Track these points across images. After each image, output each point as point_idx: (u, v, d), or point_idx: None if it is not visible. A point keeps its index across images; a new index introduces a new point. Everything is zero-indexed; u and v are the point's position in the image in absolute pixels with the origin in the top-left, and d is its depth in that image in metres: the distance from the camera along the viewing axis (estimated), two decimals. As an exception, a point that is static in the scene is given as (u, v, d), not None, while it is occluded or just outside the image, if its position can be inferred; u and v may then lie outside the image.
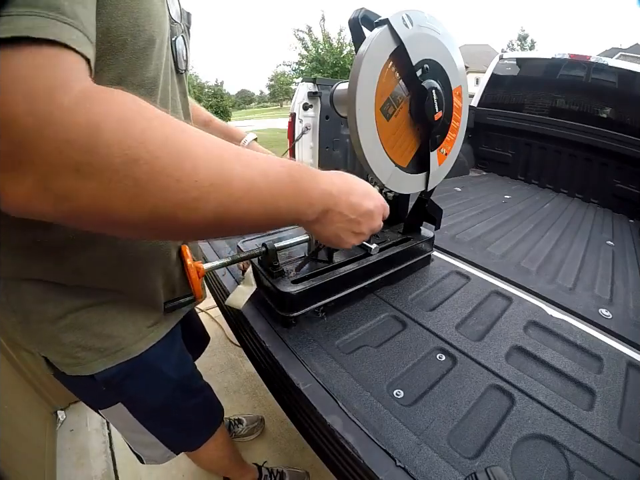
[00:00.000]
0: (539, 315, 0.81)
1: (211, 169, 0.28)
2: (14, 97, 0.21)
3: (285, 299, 0.66)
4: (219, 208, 0.29)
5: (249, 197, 0.31)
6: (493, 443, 0.50)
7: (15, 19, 0.22)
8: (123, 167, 0.24)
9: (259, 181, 0.32)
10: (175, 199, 0.27)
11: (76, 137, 0.23)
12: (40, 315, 0.43)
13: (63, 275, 0.43)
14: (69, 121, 0.23)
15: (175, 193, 0.27)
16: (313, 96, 1.58)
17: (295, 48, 14.03)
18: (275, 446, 1.24)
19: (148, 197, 0.26)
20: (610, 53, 18.61)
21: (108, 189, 0.25)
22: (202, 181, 0.28)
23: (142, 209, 0.26)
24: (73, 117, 0.23)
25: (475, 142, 2.59)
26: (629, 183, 1.93)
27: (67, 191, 0.24)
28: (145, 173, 0.25)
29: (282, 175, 0.34)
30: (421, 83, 0.64)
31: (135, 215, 0.27)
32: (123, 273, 0.48)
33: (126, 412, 0.58)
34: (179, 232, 0.31)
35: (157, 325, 0.55)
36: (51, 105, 0.22)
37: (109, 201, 0.25)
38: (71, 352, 0.47)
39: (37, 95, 0.22)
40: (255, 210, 0.32)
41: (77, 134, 0.23)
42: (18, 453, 0.95)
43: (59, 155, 0.23)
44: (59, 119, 0.23)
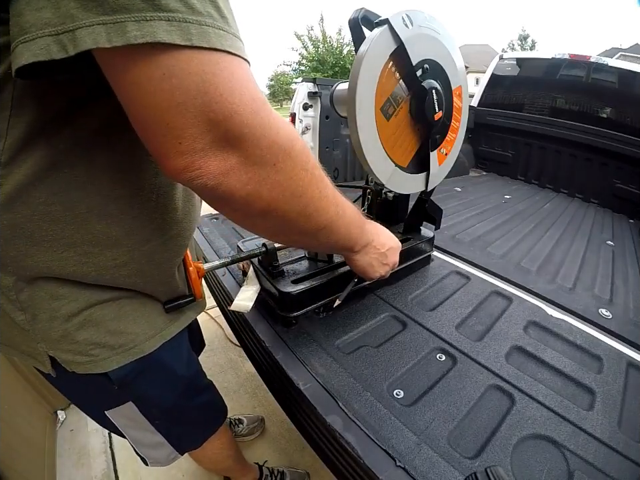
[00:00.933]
0: (539, 314, 0.81)
1: (332, 192, 0.42)
2: (242, 98, 0.29)
3: (285, 299, 0.66)
4: (329, 219, 0.42)
5: (343, 218, 0.45)
6: (492, 443, 0.50)
7: (225, 36, 0.28)
8: (300, 171, 0.35)
9: (348, 210, 0.46)
10: (315, 206, 0.39)
11: (282, 141, 0.33)
12: (52, 313, 0.43)
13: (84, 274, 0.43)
14: (280, 130, 0.32)
15: (317, 200, 0.39)
16: (313, 96, 1.57)
17: (296, 50, 14.04)
18: (275, 446, 1.24)
19: (304, 197, 0.37)
20: (610, 52, 18.61)
21: (287, 184, 0.35)
22: (328, 198, 0.41)
23: (297, 205, 0.37)
24: (282, 127, 0.32)
25: (475, 142, 2.59)
26: (629, 183, 1.93)
27: (260, 176, 0.32)
28: (307, 180, 0.36)
29: (355, 212, 0.49)
30: (421, 83, 0.64)
31: (289, 210, 0.37)
32: (143, 273, 0.48)
33: (135, 411, 0.58)
34: (299, 231, 0.41)
35: (169, 323, 0.56)
36: (268, 111, 0.31)
37: (282, 193, 0.35)
38: (85, 349, 0.46)
39: (259, 101, 0.30)
40: (341, 228, 0.46)
41: (283, 139, 0.33)
42: (18, 453, 0.95)
43: (268, 149, 0.32)
44: (274, 124, 0.31)
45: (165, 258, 0.51)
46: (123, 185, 0.42)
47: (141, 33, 0.25)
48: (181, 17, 0.26)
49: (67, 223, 0.39)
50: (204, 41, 0.26)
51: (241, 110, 0.29)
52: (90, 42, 0.24)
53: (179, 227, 0.51)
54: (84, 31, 0.24)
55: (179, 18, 0.26)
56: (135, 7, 0.24)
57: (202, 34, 0.26)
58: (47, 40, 0.25)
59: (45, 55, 0.25)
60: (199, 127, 0.28)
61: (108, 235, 0.42)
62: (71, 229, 0.40)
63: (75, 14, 0.24)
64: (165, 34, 0.25)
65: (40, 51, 0.25)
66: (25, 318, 0.42)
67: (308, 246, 0.70)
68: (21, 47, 0.25)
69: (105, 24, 0.24)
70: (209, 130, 0.28)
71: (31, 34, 0.25)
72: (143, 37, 0.25)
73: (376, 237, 0.57)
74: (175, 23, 0.25)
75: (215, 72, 0.27)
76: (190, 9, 0.26)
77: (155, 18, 0.25)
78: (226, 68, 0.28)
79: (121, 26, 0.24)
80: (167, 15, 0.25)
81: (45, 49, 0.25)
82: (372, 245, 0.56)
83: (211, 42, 0.27)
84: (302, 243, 0.66)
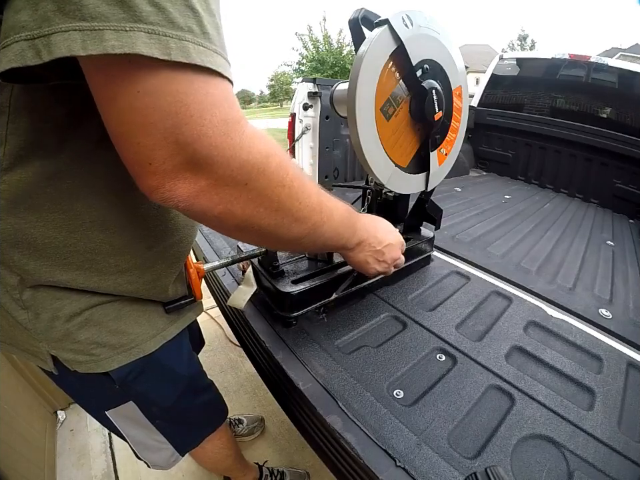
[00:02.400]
0: (539, 315, 0.81)
1: (315, 199, 0.40)
2: (212, 119, 0.28)
3: (285, 299, 0.66)
4: (312, 227, 0.41)
5: (329, 222, 0.44)
6: (492, 443, 0.50)
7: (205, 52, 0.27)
8: (276, 188, 0.34)
9: (335, 212, 0.45)
10: (295, 216, 0.38)
11: (254, 161, 0.31)
12: (54, 312, 0.43)
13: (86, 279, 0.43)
14: (252, 148, 0.31)
15: (297, 212, 0.38)
16: (313, 96, 1.58)
17: (297, 50, 14.04)
18: (275, 446, 1.24)
19: (280, 211, 0.36)
20: (610, 53, 18.62)
21: (260, 201, 0.34)
22: (310, 207, 0.40)
23: (274, 220, 0.36)
24: (255, 146, 0.31)
25: (475, 142, 2.59)
26: (629, 183, 1.93)
27: (231, 197, 0.32)
28: (285, 195, 0.36)
29: (344, 211, 0.48)
30: (421, 83, 0.64)
31: (266, 224, 0.36)
32: (146, 279, 0.49)
33: (136, 410, 0.58)
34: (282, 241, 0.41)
35: (170, 323, 0.56)
36: (240, 132, 0.30)
37: (255, 210, 0.34)
38: (86, 349, 0.47)
39: (230, 122, 0.29)
40: (328, 232, 0.45)
41: (255, 159, 0.31)
42: (18, 453, 0.95)
43: (239, 170, 0.31)
44: (247, 144, 0.30)
45: (167, 264, 0.51)
46: (125, 195, 0.42)
47: (119, 43, 0.24)
48: (161, 31, 0.25)
49: (71, 231, 0.40)
50: (183, 56, 0.25)
51: (210, 132, 0.28)
52: (64, 49, 0.23)
53: (180, 233, 0.51)
54: (59, 37, 0.23)
55: (159, 31, 0.25)
56: (115, 16, 0.23)
57: (181, 49, 0.25)
58: (22, 45, 0.24)
59: (20, 61, 0.24)
60: (168, 149, 0.27)
61: (111, 243, 0.43)
62: (75, 237, 0.40)
63: (51, 17, 0.23)
64: (143, 46, 0.24)
65: (15, 57, 0.24)
66: (28, 317, 0.43)
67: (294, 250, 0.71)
68: (1, 53, 0.25)
69: (81, 30, 0.23)
70: (177, 152, 0.28)
71: (10, 38, 0.24)
72: (121, 48, 0.24)
73: (372, 234, 0.56)
74: (155, 36, 0.25)
75: (188, 92, 0.26)
76: (171, 23, 0.25)
77: (135, 29, 0.24)
78: (201, 88, 0.27)
79: (98, 34, 0.23)
80: (148, 28, 0.24)
81: (20, 54, 0.24)
82: (367, 243, 0.56)
83: (190, 57, 0.26)
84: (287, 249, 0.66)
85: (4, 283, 0.40)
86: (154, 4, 0.24)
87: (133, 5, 0.24)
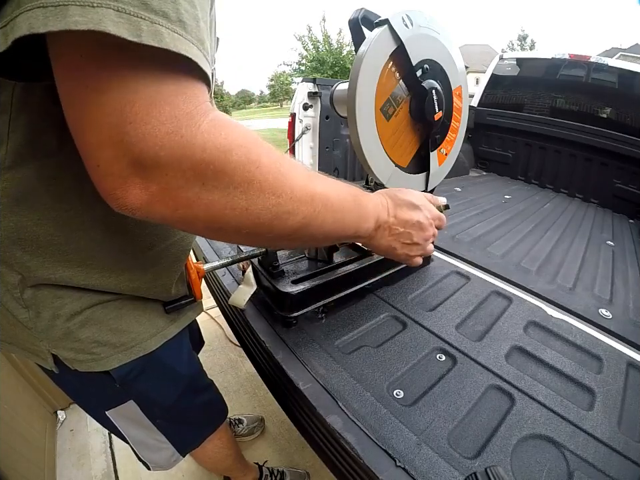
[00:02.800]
0: (539, 315, 0.81)
1: (301, 190, 0.34)
2: (160, 115, 0.25)
3: (285, 299, 0.66)
4: (304, 220, 0.36)
5: (325, 211, 0.38)
6: (492, 443, 0.50)
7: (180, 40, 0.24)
8: (240, 185, 0.29)
9: (333, 198, 0.39)
10: (274, 212, 0.33)
11: (210, 158, 0.27)
12: (54, 311, 0.43)
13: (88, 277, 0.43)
14: (208, 144, 0.27)
15: (275, 207, 0.32)
16: (313, 96, 1.58)
17: (295, 49, 14.04)
18: (275, 446, 1.24)
19: (254, 210, 0.31)
20: (610, 53, 18.62)
21: (224, 201, 0.29)
22: (294, 199, 0.34)
23: (247, 219, 0.31)
24: (211, 141, 0.27)
25: (475, 142, 2.59)
26: (629, 183, 1.93)
27: (189, 200, 0.28)
28: (256, 191, 0.30)
29: (347, 195, 0.41)
30: (421, 83, 0.64)
31: (239, 223, 0.32)
32: (146, 278, 0.49)
33: (137, 410, 0.58)
34: (270, 238, 0.36)
35: (170, 323, 0.56)
36: (193, 128, 0.26)
37: (222, 211, 0.30)
38: (87, 347, 0.47)
39: (182, 117, 0.26)
40: (328, 222, 0.39)
41: (212, 156, 0.27)
42: (18, 453, 0.95)
43: (192, 170, 0.27)
44: (200, 140, 0.26)
45: (168, 262, 0.51)
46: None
47: (84, 19, 0.21)
48: (132, 11, 0.22)
49: (72, 229, 0.40)
50: (154, 40, 0.23)
51: (156, 131, 0.25)
52: (25, 27, 0.21)
53: (181, 232, 0.51)
54: (23, 16, 0.22)
55: (129, 11, 0.22)
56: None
57: (154, 32, 0.23)
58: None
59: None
60: (113, 150, 0.25)
61: (112, 241, 0.43)
62: (76, 234, 0.40)
63: (21, 1, 0.22)
64: (111, 24, 0.22)
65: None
66: (28, 316, 0.43)
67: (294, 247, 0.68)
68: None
69: (44, 7, 0.21)
70: (123, 154, 0.25)
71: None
72: (85, 24, 0.21)
73: (391, 214, 0.48)
74: (125, 15, 0.22)
75: (137, 88, 0.24)
76: (144, 5, 0.23)
77: (103, 5, 0.21)
78: (153, 82, 0.24)
79: (62, 9, 0.21)
80: (117, 5, 0.22)
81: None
82: (386, 226, 0.48)
83: (163, 42, 0.23)
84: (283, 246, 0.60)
85: (5, 282, 0.40)
86: None
87: None
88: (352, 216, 0.43)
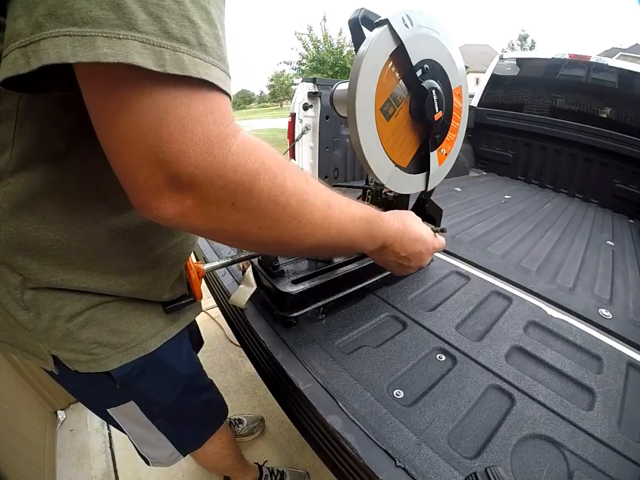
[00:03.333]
0: (539, 315, 0.81)
1: (320, 215, 0.38)
2: (193, 135, 0.26)
3: (285, 299, 0.66)
4: (319, 241, 0.39)
5: (339, 236, 0.41)
6: (493, 443, 0.50)
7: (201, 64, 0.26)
8: (266, 207, 0.32)
9: (347, 225, 0.42)
10: (294, 233, 0.36)
11: (240, 180, 0.29)
12: (55, 312, 0.43)
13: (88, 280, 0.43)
14: (239, 168, 0.29)
15: (295, 229, 0.36)
16: (313, 96, 1.58)
17: (296, 49, 14.04)
18: (275, 446, 1.24)
19: (276, 230, 0.34)
20: (610, 53, 18.61)
21: (251, 221, 0.33)
22: (313, 223, 0.37)
23: (269, 236, 0.35)
24: (242, 165, 0.29)
25: (475, 142, 2.59)
26: (629, 183, 1.93)
27: (219, 216, 0.31)
28: (279, 214, 0.33)
29: (362, 222, 0.45)
30: (421, 83, 0.64)
31: (261, 239, 0.35)
32: (147, 280, 0.49)
33: (137, 410, 0.58)
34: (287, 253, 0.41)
35: (170, 323, 0.56)
36: (224, 150, 0.28)
37: (247, 228, 0.33)
38: (87, 348, 0.47)
39: (214, 139, 0.27)
40: (339, 243, 0.42)
41: (242, 178, 0.29)
42: (18, 453, 0.95)
43: (223, 190, 0.29)
44: (232, 162, 0.28)
45: (169, 265, 0.51)
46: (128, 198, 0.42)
47: (112, 51, 0.22)
48: (156, 41, 0.24)
49: (74, 233, 0.40)
50: (177, 68, 0.24)
51: (190, 151, 0.26)
52: (53, 55, 0.22)
53: (182, 234, 0.52)
54: (48, 42, 0.22)
55: (153, 41, 0.24)
56: (108, 22, 0.22)
57: (176, 61, 0.24)
58: (16, 53, 0.23)
59: (12, 71, 0.23)
60: (150, 167, 0.27)
61: (114, 244, 0.43)
62: (78, 238, 0.40)
63: (42, 23, 0.22)
64: (137, 56, 0.23)
65: (9, 67, 0.23)
66: (29, 317, 0.43)
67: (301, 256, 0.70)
68: (2, 63, 0.24)
69: (71, 36, 0.22)
70: (159, 171, 0.27)
71: (8, 47, 0.24)
72: (113, 56, 0.22)
73: (397, 240, 0.52)
74: (149, 46, 0.23)
75: (168, 108, 0.25)
76: (166, 34, 0.24)
77: (129, 37, 0.23)
78: (182, 103, 0.26)
79: (90, 40, 0.22)
80: (142, 37, 0.23)
81: (13, 63, 0.23)
82: (390, 249, 0.52)
83: (185, 69, 0.25)
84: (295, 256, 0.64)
85: (6, 283, 0.40)
86: (149, 13, 0.23)
87: (128, 11, 0.23)
88: (362, 239, 0.47)
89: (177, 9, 0.25)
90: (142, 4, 0.23)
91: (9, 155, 0.34)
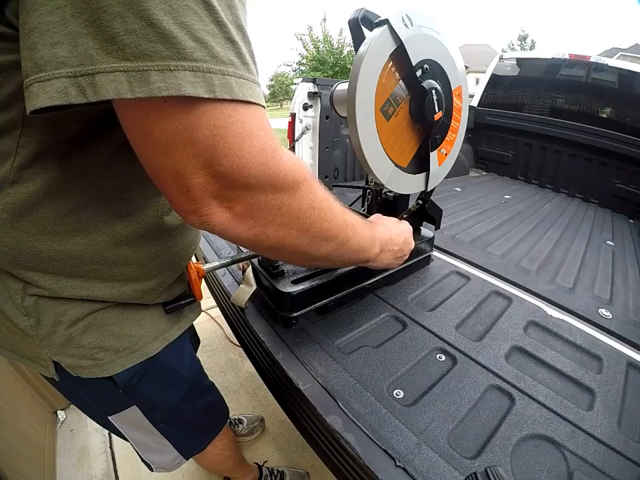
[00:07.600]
0: (539, 315, 0.81)
1: (341, 217, 0.43)
2: (251, 150, 0.29)
3: (285, 298, 0.66)
4: (340, 243, 0.44)
5: (354, 238, 0.46)
6: (492, 443, 0.50)
7: (245, 85, 0.28)
8: (306, 210, 0.36)
9: (357, 227, 0.47)
10: (325, 234, 0.40)
11: (289, 186, 0.33)
12: (56, 318, 0.43)
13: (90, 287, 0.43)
14: (289, 175, 0.33)
15: (326, 230, 0.40)
16: (313, 96, 1.58)
17: (296, 49, 14.04)
18: (275, 446, 1.24)
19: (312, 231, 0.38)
20: (610, 53, 18.61)
21: (293, 223, 0.36)
22: (338, 225, 0.42)
23: (305, 239, 0.38)
24: (290, 173, 0.33)
25: (475, 142, 2.59)
26: (629, 183, 1.93)
27: (266, 220, 0.34)
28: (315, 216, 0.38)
29: (362, 224, 0.50)
30: (420, 83, 0.64)
31: (298, 243, 0.38)
32: (150, 287, 0.48)
33: (140, 415, 0.57)
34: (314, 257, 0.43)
35: (171, 325, 0.56)
36: (277, 160, 0.31)
37: (289, 231, 0.36)
38: (89, 353, 0.46)
39: (269, 150, 0.30)
40: (354, 246, 0.47)
41: (290, 185, 0.33)
42: (18, 453, 0.95)
43: (273, 195, 0.32)
44: (283, 171, 0.32)
45: (172, 271, 0.51)
46: (130, 206, 0.42)
47: (165, 84, 0.23)
48: (205, 67, 0.25)
49: (76, 243, 0.39)
50: (227, 93, 0.26)
51: (249, 163, 0.29)
52: (112, 91, 0.23)
53: (185, 241, 0.51)
54: (104, 77, 0.23)
55: (203, 68, 0.24)
56: (158, 54, 0.23)
57: (225, 85, 0.26)
58: (64, 82, 0.23)
59: (63, 99, 0.24)
60: (206, 178, 0.28)
61: (116, 253, 0.43)
62: (80, 248, 0.40)
63: (94, 55, 0.23)
64: (189, 86, 0.24)
65: (57, 94, 0.24)
66: (29, 323, 0.42)
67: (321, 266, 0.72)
68: (37, 87, 0.24)
69: (126, 71, 0.23)
70: (216, 181, 0.29)
71: (47, 73, 0.23)
72: (167, 90, 0.24)
73: (388, 239, 0.59)
74: (200, 74, 0.24)
75: (225, 125, 0.27)
76: (214, 58, 0.25)
77: (180, 67, 0.24)
78: (238, 120, 0.28)
79: (143, 75, 0.23)
80: (192, 65, 0.24)
81: (63, 92, 0.23)
82: (387, 249, 0.58)
83: (233, 93, 0.26)
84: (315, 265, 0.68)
85: (7, 289, 0.40)
86: (196, 39, 0.24)
87: (176, 41, 0.23)
88: (368, 242, 0.52)
89: (220, 31, 0.26)
90: (188, 31, 0.24)
91: (10, 164, 0.33)
